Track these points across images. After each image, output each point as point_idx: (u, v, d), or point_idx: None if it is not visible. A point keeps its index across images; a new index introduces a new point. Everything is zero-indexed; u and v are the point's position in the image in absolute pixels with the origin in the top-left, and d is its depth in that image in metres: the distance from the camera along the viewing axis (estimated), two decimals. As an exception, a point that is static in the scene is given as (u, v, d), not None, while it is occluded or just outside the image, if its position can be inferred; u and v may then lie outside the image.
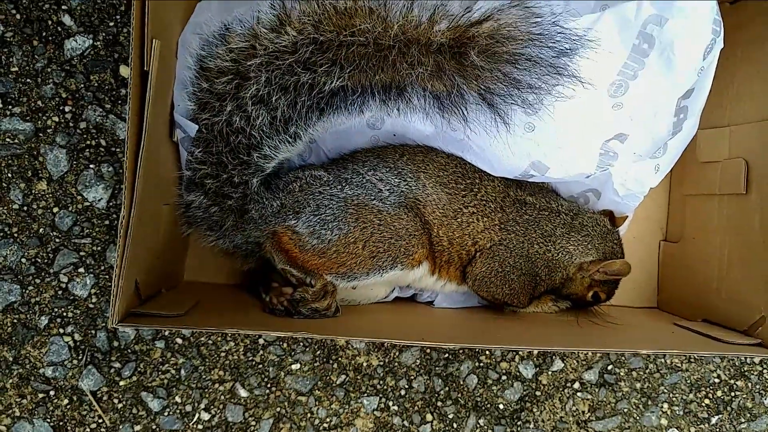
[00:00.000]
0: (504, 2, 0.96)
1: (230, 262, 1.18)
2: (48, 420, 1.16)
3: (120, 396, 1.18)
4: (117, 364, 1.18)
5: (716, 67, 1.08)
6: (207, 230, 1.09)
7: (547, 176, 1.09)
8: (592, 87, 0.99)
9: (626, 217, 1.19)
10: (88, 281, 1.18)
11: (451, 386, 1.27)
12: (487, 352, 1.28)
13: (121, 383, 1.18)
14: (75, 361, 1.17)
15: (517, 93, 0.96)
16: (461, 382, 1.27)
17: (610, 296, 1.17)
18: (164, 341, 1.20)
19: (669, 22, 1.01)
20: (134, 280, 0.89)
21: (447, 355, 1.27)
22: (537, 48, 0.92)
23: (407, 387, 1.26)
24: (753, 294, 1.07)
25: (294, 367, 1.23)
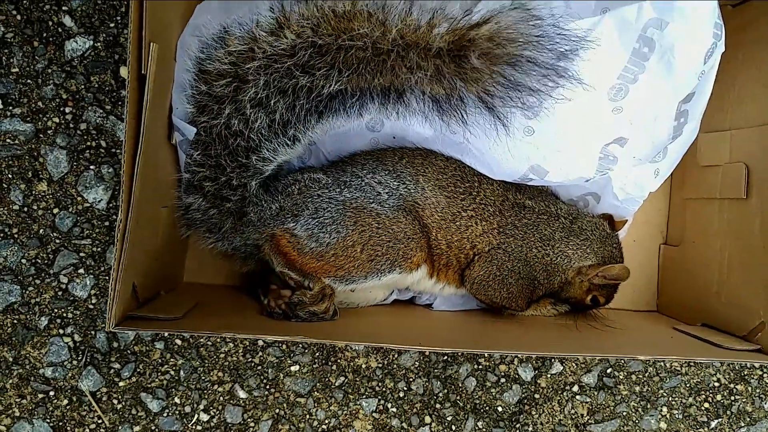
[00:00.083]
0: (505, 2, 0.96)
1: (229, 264, 1.18)
2: (48, 420, 1.17)
3: (119, 397, 1.19)
4: (116, 365, 1.19)
5: (717, 71, 1.08)
6: (206, 232, 1.10)
7: (546, 180, 1.08)
8: (592, 90, 0.98)
9: (626, 221, 1.18)
10: (88, 282, 1.18)
11: (450, 388, 1.27)
12: (486, 355, 1.28)
13: (121, 384, 1.19)
14: (75, 362, 1.17)
15: (517, 96, 0.95)
16: (460, 385, 1.27)
17: (609, 300, 1.17)
18: (164, 342, 1.20)
19: (670, 26, 1.00)
20: (132, 284, 0.89)
21: (446, 358, 1.27)
22: (537, 50, 0.91)
23: (406, 389, 1.26)
24: (753, 299, 1.07)
25: (293, 369, 1.23)
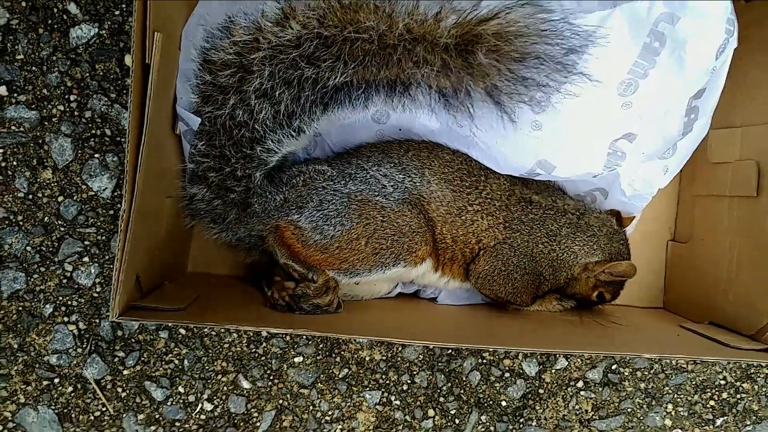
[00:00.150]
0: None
1: (234, 254, 1.18)
2: (52, 407, 1.17)
3: (123, 385, 1.19)
4: (121, 353, 1.19)
5: (729, 66, 1.06)
6: (210, 223, 1.09)
7: (554, 175, 1.07)
8: (601, 85, 0.97)
9: (633, 218, 1.17)
10: (93, 270, 1.18)
11: (454, 382, 1.27)
12: (491, 349, 1.27)
13: (125, 372, 1.19)
14: (79, 350, 1.18)
15: (525, 91, 0.94)
16: (464, 379, 1.27)
17: (615, 297, 1.16)
18: (168, 332, 1.20)
19: (681, 21, 0.99)
20: (135, 274, 0.89)
21: (450, 351, 1.26)
22: (545, 45, 0.90)
23: (410, 382, 1.26)
24: (762, 298, 1.05)
25: (297, 360, 1.23)
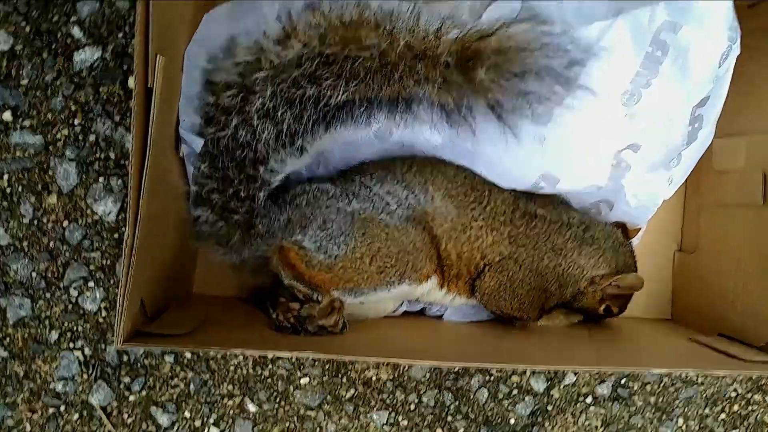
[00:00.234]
0: (515, 5, 0.95)
1: (240, 276, 1.17)
2: (58, 434, 1.17)
3: (129, 411, 1.18)
4: (126, 379, 1.18)
5: (733, 74, 1.06)
6: (215, 245, 1.08)
7: (558, 188, 1.07)
8: (604, 96, 0.97)
9: (639, 229, 1.16)
10: (98, 295, 1.18)
11: (462, 400, 1.25)
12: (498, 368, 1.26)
13: (131, 398, 1.18)
14: (85, 376, 1.17)
15: (527, 105, 0.94)
16: (471, 397, 1.26)
17: (623, 310, 1.15)
18: (173, 356, 1.19)
19: (683, 29, 0.99)
20: (140, 299, 0.89)
21: (457, 369, 1.25)
22: (547, 59, 0.90)
23: (417, 401, 1.24)
24: (770, 308, 1.05)
25: (303, 382, 1.22)
